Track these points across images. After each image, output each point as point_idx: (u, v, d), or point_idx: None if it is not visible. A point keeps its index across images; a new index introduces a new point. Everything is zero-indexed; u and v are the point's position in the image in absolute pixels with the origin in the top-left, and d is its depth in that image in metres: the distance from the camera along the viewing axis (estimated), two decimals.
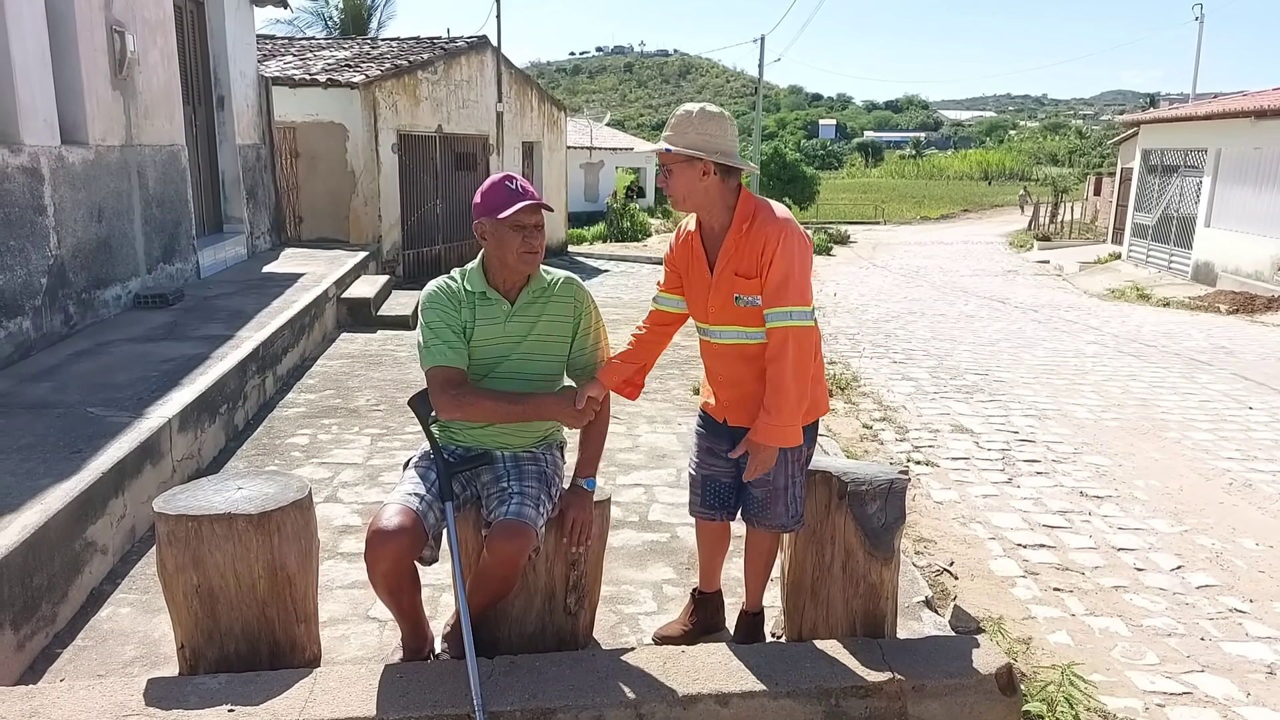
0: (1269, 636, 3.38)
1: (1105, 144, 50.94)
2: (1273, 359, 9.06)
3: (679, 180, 2.56)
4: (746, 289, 2.57)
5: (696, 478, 2.89)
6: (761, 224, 2.55)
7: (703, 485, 2.87)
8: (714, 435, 2.82)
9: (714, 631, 3.03)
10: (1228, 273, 15.17)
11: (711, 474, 2.85)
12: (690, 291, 2.75)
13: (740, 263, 2.57)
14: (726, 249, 2.60)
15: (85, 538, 3.25)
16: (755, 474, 2.62)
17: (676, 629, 3.01)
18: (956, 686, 2.54)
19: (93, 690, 2.36)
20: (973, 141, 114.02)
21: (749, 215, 2.58)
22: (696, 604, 3.05)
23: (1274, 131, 14.46)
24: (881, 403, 6.89)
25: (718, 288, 2.62)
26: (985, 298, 14.40)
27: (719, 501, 2.86)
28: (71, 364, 5.00)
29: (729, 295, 2.60)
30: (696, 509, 2.91)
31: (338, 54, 14.49)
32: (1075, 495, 4.90)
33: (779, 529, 2.79)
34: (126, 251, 6.49)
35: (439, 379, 2.53)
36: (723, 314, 2.64)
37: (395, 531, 2.38)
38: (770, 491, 2.71)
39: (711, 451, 2.83)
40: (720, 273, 2.61)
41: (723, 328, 2.66)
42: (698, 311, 2.73)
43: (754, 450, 2.58)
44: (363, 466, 4.64)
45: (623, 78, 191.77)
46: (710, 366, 2.80)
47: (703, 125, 2.53)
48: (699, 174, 2.54)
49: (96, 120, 6.03)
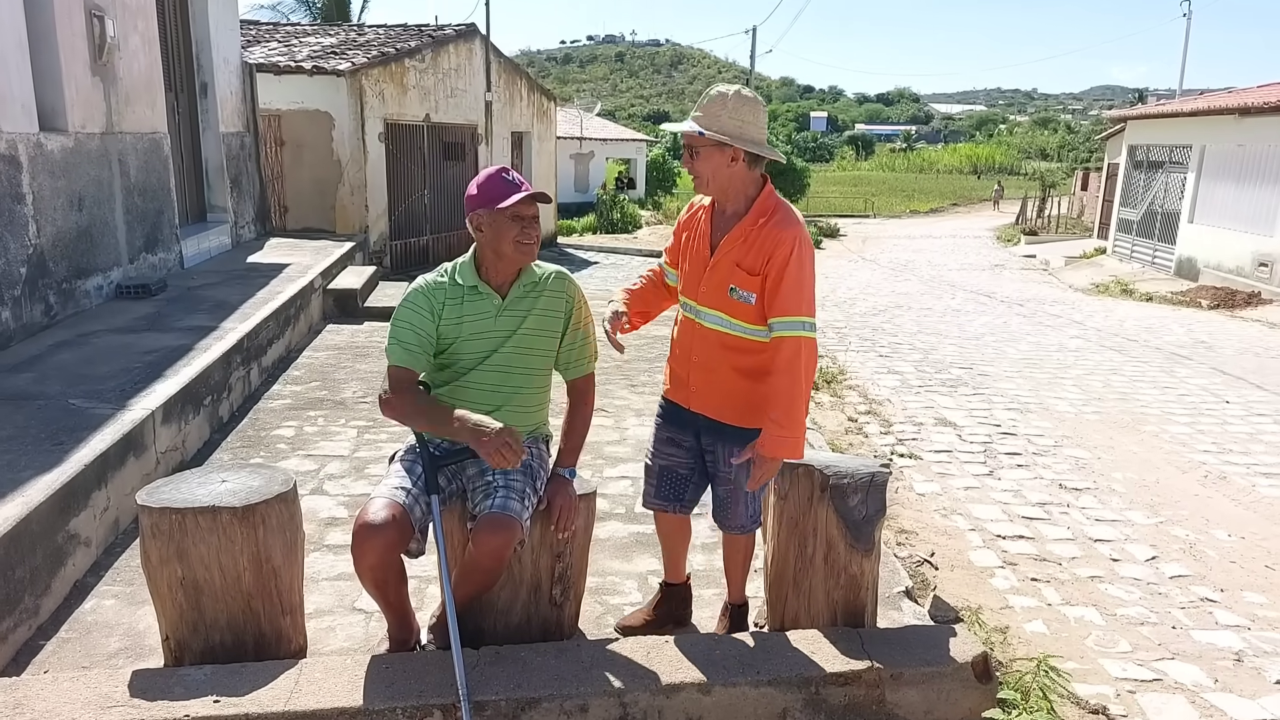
0: (1238, 625, 3.45)
1: (1093, 139, 51.21)
2: (1250, 354, 9.18)
3: (706, 163, 2.54)
4: (745, 284, 2.55)
5: (653, 468, 2.88)
6: (777, 224, 2.53)
7: (659, 476, 2.87)
8: (676, 425, 2.81)
9: (681, 625, 3.02)
10: (1210, 268, 15.32)
11: (669, 465, 2.84)
12: (686, 266, 2.73)
13: (745, 255, 2.55)
14: (734, 237, 2.58)
15: (68, 530, 3.25)
16: (759, 483, 2.60)
17: (639, 619, 3.02)
18: (933, 675, 2.59)
19: (76, 682, 2.37)
20: (963, 135, 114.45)
21: (767, 211, 2.56)
22: (664, 595, 3.05)
23: (1258, 129, 14.59)
24: (867, 396, 6.94)
25: (715, 272, 2.61)
26: (972, 292, 14.49)
27: (674, 493, 2.86)
28: (52, 355, 4.97)
29: (724, 284, 2.59)
30: (650, 500, 2.91)
31: (323, 40, 14.38)
32: (1054, 487, 4.96)
33: (737, 530, 2.82)
34: (108, 241, 6.44)
35: (390, 376, 2.56)
36: (712, 298, 2.63)
37: (382, 525, 2.39)
38: (732, 491, 2.74)
39: (672, 441, 2.83)
40: (721, 258, 2.60)
41: (710, 311, 2.64)
42: (688, 287, 2.71)
43: (760, 462, 2.54)
44: (349, 459, 4.64)
45: (614, 67, 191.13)
46: (686, 347, 2.75)
47: (737, 110, 2.50)
48: (727, 159, 2.52)
49: (76, 107, 5.98)
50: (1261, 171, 14.46)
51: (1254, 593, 3.73)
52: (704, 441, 2.78)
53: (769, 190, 2.61)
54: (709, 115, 2.51)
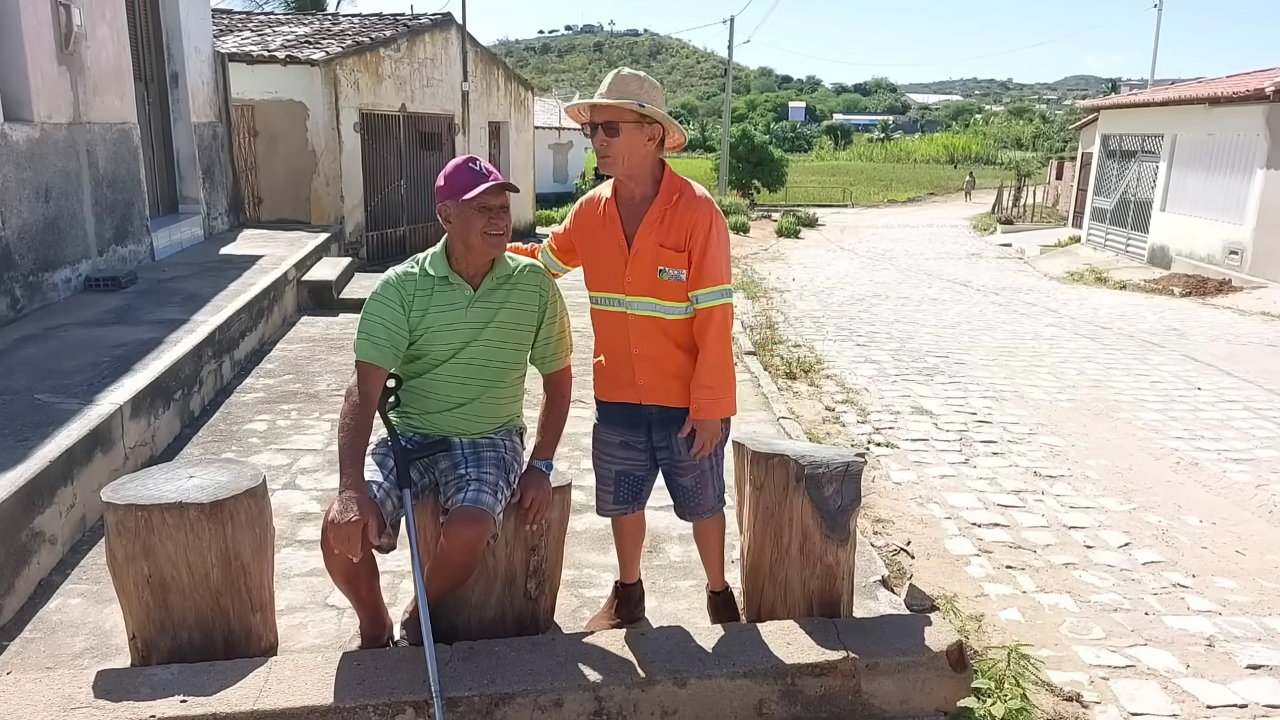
0: (1209, 610, 3.50)
1: (1067, 129, 51.63)
2: (1221, 341, 9.30)
3: (627, 142, 2.49)
4: (672, 262, 2.55)
5: (609, 474, 2.82)
6: (690, 200, 2.56)
7: (615, 482, 2.82)
8: (626, 426, 2.75)
9: (634, 622, 2.98)
10: (1182, 256, 15.50)
11: (626, 469, 2.80)
12: (596, 262, 2.68)
13: (667, 235, 2.55)
14: (651, 220, 2.57)
15: (32, 528, 3.19)
16: (707, 450, 2.64)
17: (604, 623, 2.98)
18: (909, 664, 2.60)
19: (39, 683, 2.33)
20: (939, 125, 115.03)
21: (678, 189, 2.58)
22: (620, 597, 3.02)
23: (1227, 118, 14.75)
24: (844, 385, 6.96)
25: (639, 259, 2.58)
26: (948, 280, 14.58)
27: (632, 495, 2.84)
28: (18, 349, 4.87)
29: (651, 267, 2.57)
30: (608, 507, 2.86)
31: (297, 30, 14.19)
32: (1029, 475, 5.00)
33: (709, 515, 2.82)
34: (76, 233, 6.32)
35: (357, 371, 2.52)
36: (641, 285, 2.59)
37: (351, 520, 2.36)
38: (699, 476, 2.74)
39: (626, 445, 2.77)
40: (643, 244, 2.57)
41: (640, 299, 2.61)
42: (608, 281, 2.64)
43: (701, 427, 2.60)
44: (322, 452, 4.59)
45: (592, 57, 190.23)
46: (621, 343, 2.67)
47: (650, 91, 2.52)
48: (645, 139, 2.51)
49: (41, 97, 5.85)
50: (1231, 160, 14.63)
51: (1225, 578, 3.78)
52: (655, 437, 2.74)
53: (670, 170, 2.62)
54: (630, 94, 2.49)
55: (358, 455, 2.44)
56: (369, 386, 2.50)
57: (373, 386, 2.50)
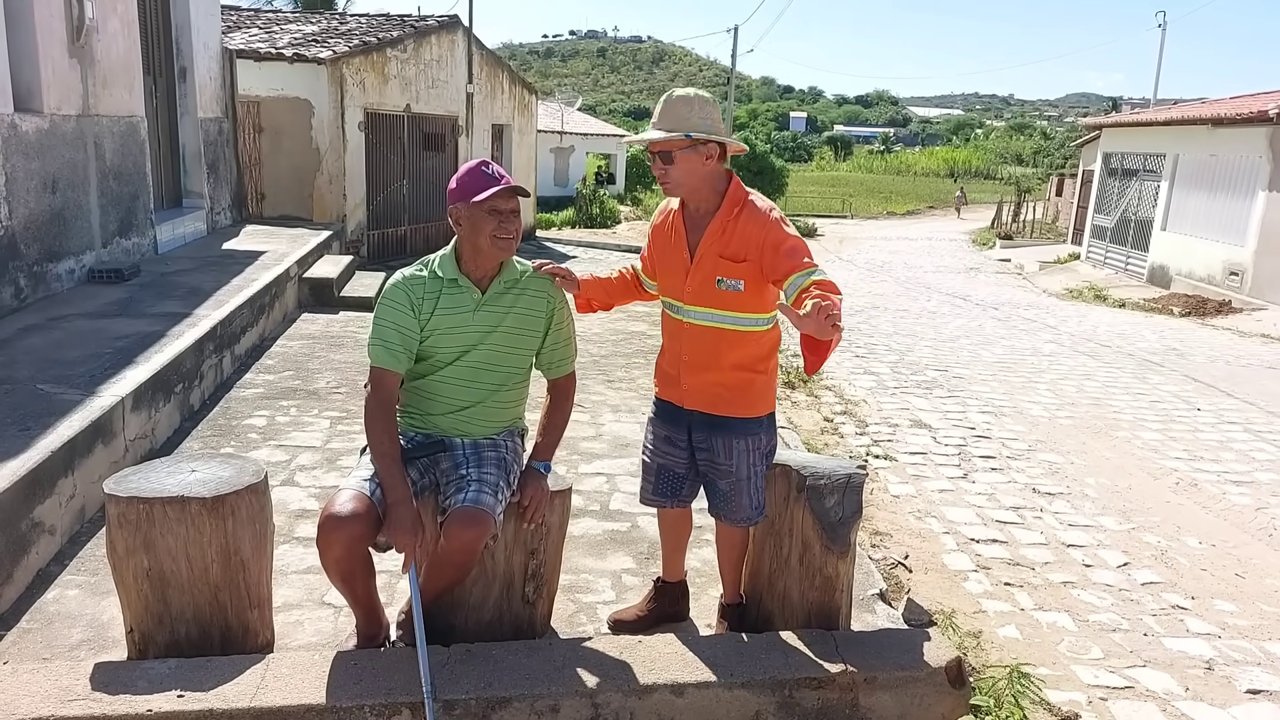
0: (1208, 633, 3.49)
1: (1068, 145, 51.74)
2: (1221, 362, 9.32)
3: (683, 167, 2.54)
4: (731, 272, 2.57)
5: (651, 465, 2.88)
6: (752, 211, 2.57)
7: (656, 473, 2.87)
8: (671, 423, 2.81)
9: (675, 620, 3.02)
10: (1182, 276, 15.55)
11: (666, 463, 2.84)
12: (664, 270, 2.74)
13: (727, 246, 2.57)
14: (713, 231, 2.60)
15: (32, 518, 3.17)
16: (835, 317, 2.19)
17: (631, 614, 3.02)
18: (907, 679, 2.59)
19: (37, 674, 2.32)
20: (940, 139, 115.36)
21: (740, 200, 2.60)
22: (657, 591, 3.05)
23: (1230, 139, 14.81)
24: (843, 396, 6.96)
25: (699, 268, 2.62)
26: (947, 294, 14.60)
27: (671, 490, 2.86)
28: (21, 339, 4.86)
29: (710, 277, 2.60)
30: (648, 496, 2.91)
31: (305, 28, 14.21)
32: (1028, 492, 5.00)
33: (744, 523, 2.79)
34: (81, 224, 6.32)
35: (372, 376, 2.54)
36: (700, 295, 2.63)
37: (349, 517, 2.36)
38: (735, 483, 2.72)
39: (669, 440, 2.82)
40: (703, 255, 2.61)
41: (697, 309, 2.65)
42: (672, 289, 2.72)
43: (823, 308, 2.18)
44: (321, 450, 4.58)
45: (595, 62, 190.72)
46: (677, 349, 2.75)
47: (703, 109, 2.54)
48: (702, 159, 2.54)
49: (52, 89, 5.85)
50: (1233, 181, 14.68)
51: (1224, 601, 3.77)
52: (695, 438, 2.77)
53: (736, 181, 2.64)
54: (680, 119, 2.53)
55: (398, 465, 2.46)
56: (386, 393, 2.51)
57: (390, 393, 2.52)
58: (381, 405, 2.51)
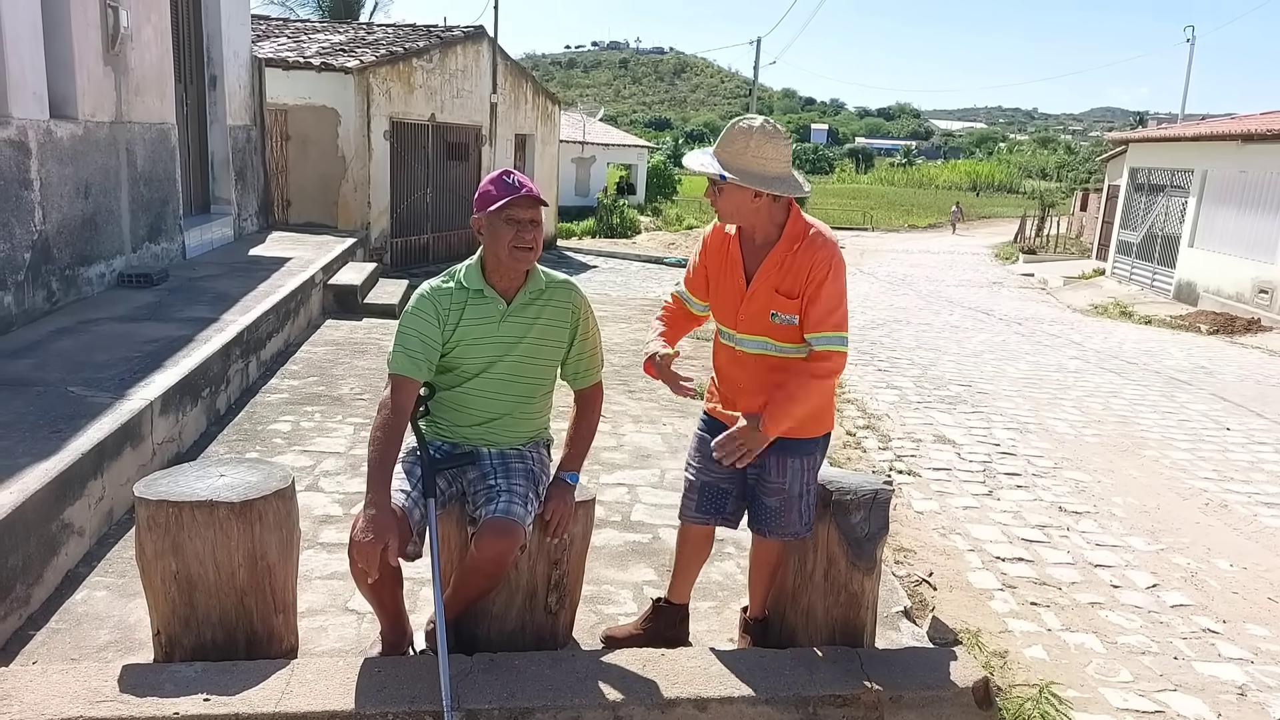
0: (1241, 658, 3.43)
1: (1093, 160, 51.34)
2: (1250, 381, 9.18)
3: (730, 200, 2.50)
4: (786, 308, 2.53)
5: (695, 483, 2.80)
6: (810, 246, 2.51)
7: (700, 491, 2.79)
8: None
9: (671, 645, 2.87)
10: (1209, 293, 15.35)
11: (712, 480, 2.77)
12: (718, 293, 2.70)
13: (783, 281, 2.53)
14: (770, 265, 2.55)
15: (62, 519, 3.21)
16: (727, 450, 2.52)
17: (624, 631, 2.94)
18: (933, 698, 2.56)
19: (66, 675, 2.34)
20: (962, 152, 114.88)
21: (800, 235, 2.54)
22: (656, 611, 2.95)
23: (1260, 155, 14.63)
24: (866, 410, 6.92)
25: (753, 300, 2.58)
26: (970, 308, 14.49)
27: (714, 508, 2.80)
28: (53, 341, 4.93)
29: (765, 310, 2.56)
30: (690, 514, 2.82)
31: (333, 38, 14.38)
32: (1054, 510, 4.94)
33: (792, 537, 2.73)
34: (112, 229, 6.41)
35: (391, 382, 2.51)
36: (754, 325, 2.60)
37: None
38: (785, 500, 2.68)
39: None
40: (759, 287, 2.57)
41: (751, 338, 2.62)
42: (725, 317, 2.68)
43: (749, 438, 2.50)
44: (345, 456, 4.60)
45: (617, 73, 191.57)
46: (730, 374, 2.72)
47: (760, 148, 2.45)
48: (750, 196, 2.48)
49: (87, 96, 5.95)
50: (1263, 198, 14.49)
51: (1257, 625, 3.71)
52: None
53: (796, 213, 2.57)
54: (731, 154, 2.47)
55: (385, 472, 2.41)
56: (402, 400, 2.49)
57: (406, 400, 2.50)
58: (396, 410, 2.46)
